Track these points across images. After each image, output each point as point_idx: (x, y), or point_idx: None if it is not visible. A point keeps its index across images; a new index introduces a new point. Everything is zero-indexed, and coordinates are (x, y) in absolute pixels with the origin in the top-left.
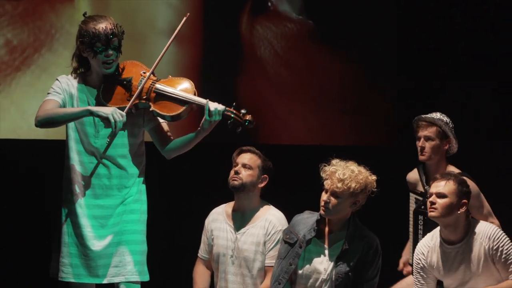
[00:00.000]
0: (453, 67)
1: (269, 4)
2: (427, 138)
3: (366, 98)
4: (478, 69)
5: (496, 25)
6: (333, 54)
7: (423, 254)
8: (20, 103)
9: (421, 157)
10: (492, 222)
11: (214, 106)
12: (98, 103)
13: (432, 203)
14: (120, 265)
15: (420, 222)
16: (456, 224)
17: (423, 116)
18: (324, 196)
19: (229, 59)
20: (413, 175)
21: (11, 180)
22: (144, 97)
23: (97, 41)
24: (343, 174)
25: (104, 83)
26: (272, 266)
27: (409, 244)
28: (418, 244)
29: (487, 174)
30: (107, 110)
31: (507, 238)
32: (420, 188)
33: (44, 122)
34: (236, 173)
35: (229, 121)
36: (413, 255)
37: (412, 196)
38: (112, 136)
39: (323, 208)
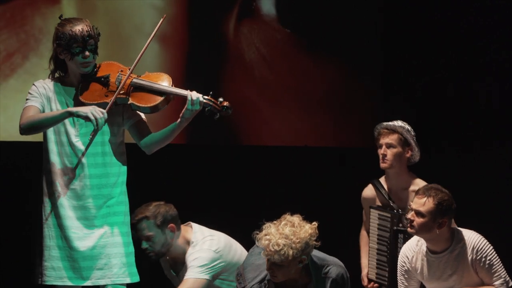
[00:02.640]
0: (443, 69)
1: (255, 7)
2: (389, 146)
3: (351, 100)
4: (463, 71)
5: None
6: (319, 56)
7: (408, 257)
8: (7, 108)
9: (382, 165)
10: None
11: (195, 95)
12: (77, 103)
13: (411, 220)
14: (106, 267)
15: (400, 241)
16: (437, 238)
17: (385, 123)
18: (267, 266)
19: (214, 62)
20: (369, 191)
21: None
22: (122, 92)
23: (74, 43)
24: (277, 244)
25: (81, 82)
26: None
27: (366, 259)
28: (404, 246)
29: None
30: (85, 109)
31: (490, 247)
32: (380, 203)
33: (28, 129)
34: (147, 250)
35: (206, 109)
36: (384, 272)
37: (375, 212)
38: (94, 133)
39: (272, 278)
